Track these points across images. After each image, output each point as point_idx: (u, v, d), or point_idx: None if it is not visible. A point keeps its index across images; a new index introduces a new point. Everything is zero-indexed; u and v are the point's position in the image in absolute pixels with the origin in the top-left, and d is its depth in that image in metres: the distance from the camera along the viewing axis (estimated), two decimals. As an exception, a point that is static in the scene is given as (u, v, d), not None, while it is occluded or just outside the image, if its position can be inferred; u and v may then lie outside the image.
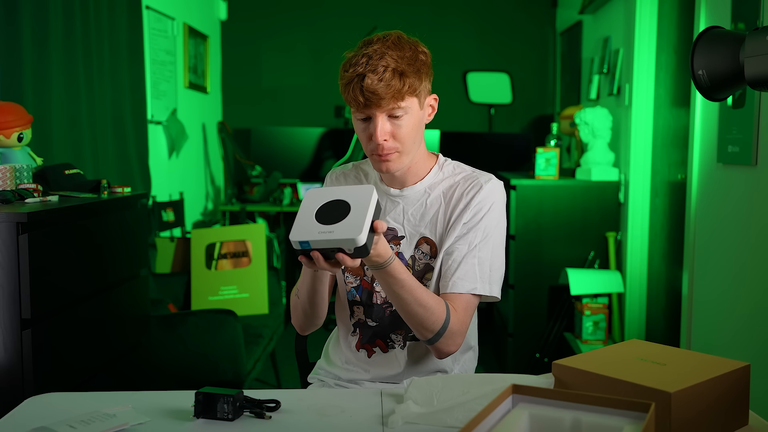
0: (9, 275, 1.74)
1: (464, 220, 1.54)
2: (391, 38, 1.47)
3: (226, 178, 5.28)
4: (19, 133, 2.11)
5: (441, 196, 1.58)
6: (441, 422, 1.21)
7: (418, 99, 1.50)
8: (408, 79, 1.45)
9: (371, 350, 1.63)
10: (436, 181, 1.60)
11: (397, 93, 1.44)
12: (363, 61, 1.44)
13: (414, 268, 1.58)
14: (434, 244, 1.57)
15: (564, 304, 3.62)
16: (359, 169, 1.70)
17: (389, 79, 1.43)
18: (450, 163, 1.63)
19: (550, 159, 3.70)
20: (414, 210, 1.59)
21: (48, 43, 2.65)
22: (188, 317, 2.81)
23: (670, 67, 3.47)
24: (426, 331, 1.47)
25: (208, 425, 1.24)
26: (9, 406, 1.41)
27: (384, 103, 1.45)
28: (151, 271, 3.52)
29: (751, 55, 1.24)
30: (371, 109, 1.46)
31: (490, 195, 1.55)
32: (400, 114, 1.47)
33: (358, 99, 1.45)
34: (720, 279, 2.68)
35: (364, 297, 1.62)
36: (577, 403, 1.05)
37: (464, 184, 1.57)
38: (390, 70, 1.43)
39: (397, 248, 1.59)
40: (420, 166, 1.59)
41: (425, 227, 1.58)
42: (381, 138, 1.47)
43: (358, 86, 1.44)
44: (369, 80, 1.42)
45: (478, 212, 1.54)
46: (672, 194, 3.45)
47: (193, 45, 4.67)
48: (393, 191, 1.61)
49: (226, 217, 4.99)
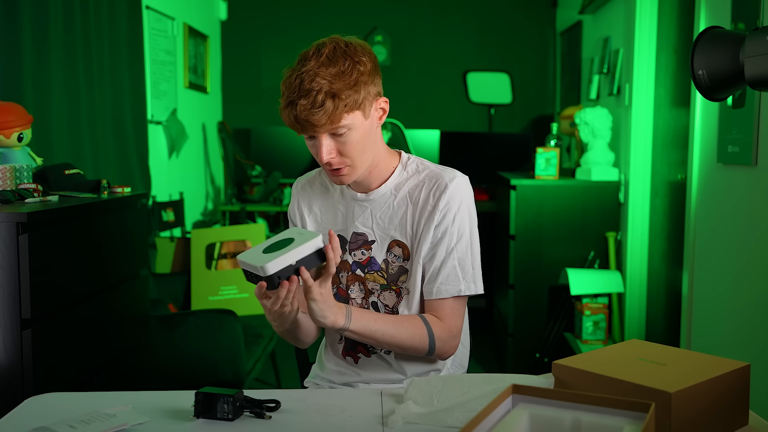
0: (9, 275, 1.74)
1: (435, 222, 1.53)
2: (326, 52, 1.41)
3: (226, 178, 5.28)
4: (19, 133, 2.11)
5: (407, 197, 1.57)
6: (441, 422, 1.22)
7: (361, 111, 1.45)
8: (342, 100, 1.40)
9: (356, 357, 1.63)
10: (401, 181, 1.58)
11: (332, 115, 1.40)
12: (296, 84, 1.40)
13: (388, 271, 1.57)
14: (406, 246, 1.56)
15: (564, 304, 3.62)
16: (323, 175, 1.67)
17: (321, 103, 1.38)
18: (413, 161, 1.61)
19: (550, 159, 3.70)
20: (382, 213, 1.58)
21: (48, 42, 2.65)
22: (188, 317, 2.81)
23: (670, 67, 3.47)
24: (417, 353, 1.53)
25: (208, 425, 1.24)
26: (9, 406, 1.41)
27: (320, 127, 1.42)
28: (151, 271, 3.52)
29: (751, 55, 1.24)
30: (310, 132, 1.44)
31: (456, 193, 1.53)
32: (343, 131, 1.44)
33: (295, 125, 1.43)
34: (720, 279, 2.68)
35: None
36: (577, 403, 1.05)
37: (429, 183, 1.55)
38: (322, 93, 1.38)
39: (368, 253, 1.58)
40: (383, 168, 1.57)
41: (395, 230, 1.57)
42: (326, 157, 1.46)
43: (293, 112, 1.41)
44: (301, 107, 1.39)
45: (447, 213, 1.53)
46: (672, 194, 3.45)
47: (193, 45, 4.67)
48: (360, 196, 1.59)
49: (226, 217, 4.99)
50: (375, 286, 1.58)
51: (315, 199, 1.66)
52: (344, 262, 1.59)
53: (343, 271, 1.60)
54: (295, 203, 1.68)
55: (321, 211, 1.65)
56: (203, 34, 4.92)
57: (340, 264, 1.59)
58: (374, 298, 1.58)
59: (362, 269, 1.58)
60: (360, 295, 1.59)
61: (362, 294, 1.59)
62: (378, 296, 1.58)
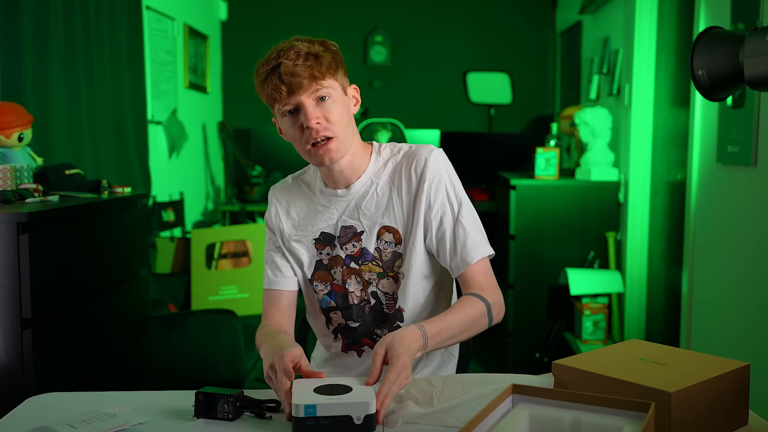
0: (9, 275, 1.74)
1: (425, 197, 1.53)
2: (296, 37, 1.48)
3: (226, 178, 5.28)
4: (20, 133, 2.11)
5: (389, 181, 1.57)
6: (441, 422, 1.22)
7: (339, 83, 1.49)
8: (323, 59, 1.44)
9: (360, 350, 1.62)
10: (378, 168, 1.59)
11: (316, 72, 1.43)
12: (274, 55, 1.45)
13: (381, 259, 1.57)
14: (396, 231, 1.56)
15: (564, 304, 3.62)
16: (299, 181, 1.66)
17: (304, 61, 1.43)
18: (386, 146, 1.62)
19: (549, 159, 3.70)
20: (366, 203, 1.57)
21: (48, 43, 2.65)
22: (188, 317, 2.81)
23: (670, 67, 3.47)
24: (481, 330, 1.50)
25: (208, 425, 1.24)
26: (9, 406, 1.41)
27: (306, 84, 1.43)
28: (151, 271, 3.51)
29: (751, 55, 1.24)
30: (296, 95, 1.44)
31: (439, 165, 1.55)
32: (326, 94, 1.46)
33: (280, 88, 1.43)
34: (720, 279, 2.68)
35: (339, 301, 1.60)
36: (577, 403, 1.05)
37: (408, 161, 1.56)
38: (303, 54, 1.43)
39: (359, 244, 1.57)
40: (359, 160, 1.57)
41: (382, 216, 1.56)
42: (314, 120, 1.44)
43: (277, 75, 1.43)
44: (284, 66, 1.42)
45: (438, 185, 1.54)
46: (672, 194, 3.45)
47: (193, 45, 4.67)
48: (340, 192, 1.58)
49: (226, 217, 4.99)
50: (372, 276, 1.57)
51: (293, 203, 1.64)
52: (336, 257, 1.58)
53: (336, 267, 1.59)
54: (272, 210, 1.66)
55: (299, 215, 1.62)
56: (203, 34, 4.92)
57: (332, 260, 1.59)
58: (373, 287, 1.58)
59: (356, 261, 1.57)
60: (358, 287, 1.58)
61: (360, 286, 1.58)
62: (376, 285, 1.57)
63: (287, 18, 5.48)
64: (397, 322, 1.58)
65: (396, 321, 1.58)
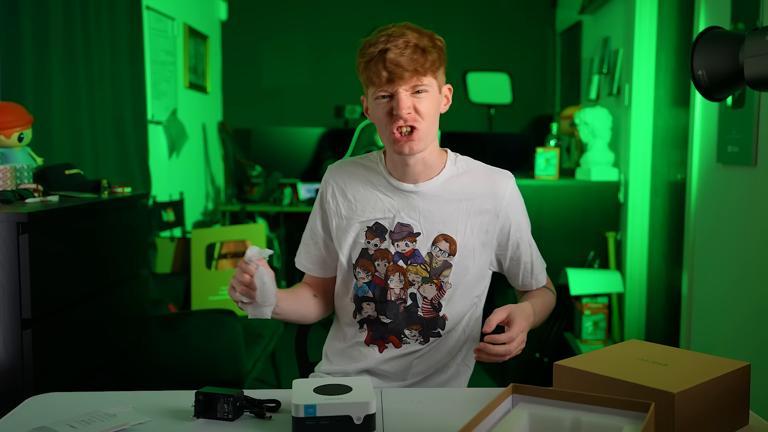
0: (9, 275, 1.74)
1: (503, 222, 1.61)
2: (407, 25, 1.50)
3: (226, 178, 5.28)
4: (20, 133, 2.11)
5: (460, 192, 1.58)
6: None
7: (437, 81, 1.52)
8: (429, 56, 1.47)
9: (383, 346, 1.62)
10: (451, 176, 1.60)
11: (420, 67, 1.46)
12: (383, 39, 1.46)
13: (431, 264, 1.57)
14: (453, 241, 1.57)
15: (564, 304, 3.62)
16: (359, 164, 1.65)
17: (412, 53, 1.45)
18: (462, 158, 1.64)
19: (549, 159, 3.70)
20: (430, 206, 1.57)
21: (48, 43, 2.65)
22: (188, 317, 2.81)
23: (670, 67, 3.47)
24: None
25: (208, 425, 1.24)
26: (9, 406, 1.41)
27: (407, 77, 1.45)
28: (151, 271, 3.51)
29: (751, 55, 1.24)
30: (394, 85, 1.46)
31: (515, 190, 1.64)
32: (422, 90, 1.48)
33: (381, 74, 1.45)
34: (720, 279, 2.68)
35: (377, 294, 1.59)
36: (576, 403, 1.05)
37: (488, 181, 1.61)
38: (412, 46, 1.46)
39: (413, 245, 1.57)
40: (434, 160, 1.58)
41: (443, 224, 1.57)
42: (405, 111, 1.46)
43: (381, 61, 1.45)
44: (392, 54, 1.44)
45: (515, 209, 1.63)
46: (672, 194, 3.45)
47: (193, 45, 4.67)
48: (406, 186, 1.58)
49: (226, 217, 4.99)
50: (416, 278, 1.57)
51: (350, 185, 1.62)
52: (385, 251, 1.58)
53: (381, 260, 1.58)
54: (329, 190, 1.64)
55: (356, 198, 1.61)
56: (203, 34, 4.92)
57: (379, 252, 1.58)
58: (413, 289, 1.58)
59: (404, 260, 1.57)
60: (399, 285, 1.58)
61: (401, 285, 1.58)
62: (418, 288, 1.58)
63: (287, 18, 5.48)
64: (437, 329, 1.60)
65: (437, 327, 1.60)
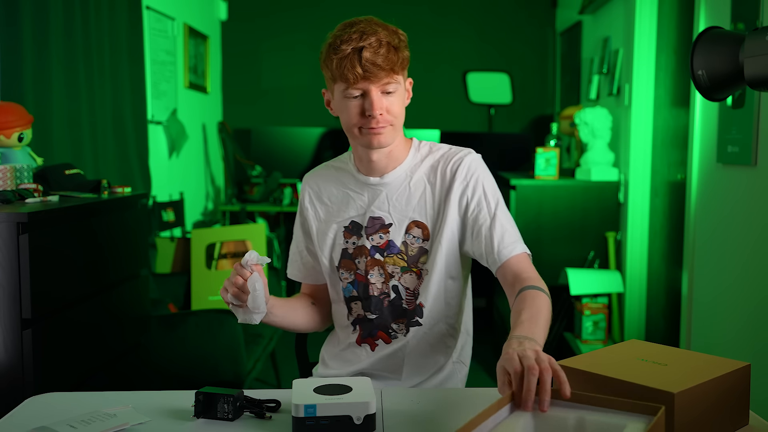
0: (9, 275, 1.74)
1: (458, 195, 1.54)
2: (373, 20, 1.53)
3: (226, 178, 5.28)
4: (20, 133, 2.11)
5: (424, 177, 1.59)
6: None
7: (403, 77, 1.54)
8: (401, 54, 1.50)
9: (374, 343, 1.62)
10: (415, 163, 1.61)
11: (394, 66, 1.48)
12: (356, 36, 1.48)
13: (407, 253, 1.57)
14: (425, 226, 1.57)
15: (564, 304, 3.62)
16: (331, 167, 1.70)
17: (386, 52, 1.47)
18: (425, 144, 1.64)
19: (549, 159, 3.70)
20: (398, 195, 1.59)
21: (48, 43, 2.65)
22: (188, 317, 2.81)
23: (670, 67, 3.47)
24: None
25: (208, 425, 1.24)
26: (9, 406, 1.41)
27: (381, 75, 1.47)
28: (151, 271, 3.51)
29: (751, 55, 1.24)
30: (366, 83, 1.47)
31: (476, 164, 1.58)
32: (392, 90, 1.50)
33: (356, 72, 1.46)
34: (720, 279, 2.68)
35: (361, 291, 1.61)
36: (580, 404, 1.05)
37: (446, 160, 1.59)
38: (385, 44, 1.48)
39: (387, 236, 1.58)
40: (399, 151, 1.60)
41: (413, 211, 1.58)
42: (378, 111, 1.48)
43: (356, 59, 1.46)
44: (368, 53, 1.46)
45: (475, 184, 1.56)
46: (672, 194, 3.45)
47: (193, 45, 4.67)
48: (373, 180, 1.60)
49: (226, 217, 4.99)
50: (395, 270, 1.58)
51: (324, 189, 1.67)
52: (362, 247, 1.59)
53: (361, 257, 1.59)
54: (305, 196, 1.70)
55: (332, 200, 1.65)
56: (203, 34, 4.91)
57: (357, 250, 1.60)
58: (395, 281, 1.58)
59: (381, 253, 1.58)
60: (380, 279, 1.58)
61: (382, 279, 1.58)
62: (399, 279, 1.58)
63: (287, 18, 5.48)
64: (416, 317, 1.59)
65: (415, 316, 1.59)
